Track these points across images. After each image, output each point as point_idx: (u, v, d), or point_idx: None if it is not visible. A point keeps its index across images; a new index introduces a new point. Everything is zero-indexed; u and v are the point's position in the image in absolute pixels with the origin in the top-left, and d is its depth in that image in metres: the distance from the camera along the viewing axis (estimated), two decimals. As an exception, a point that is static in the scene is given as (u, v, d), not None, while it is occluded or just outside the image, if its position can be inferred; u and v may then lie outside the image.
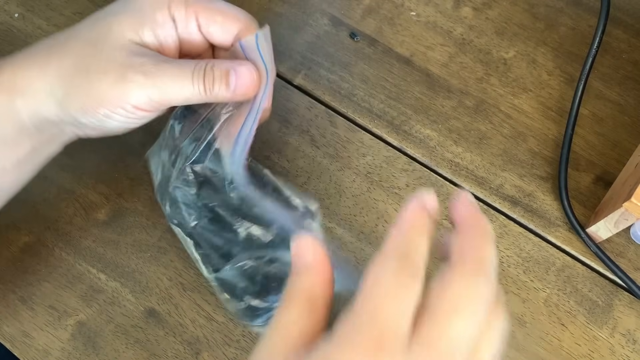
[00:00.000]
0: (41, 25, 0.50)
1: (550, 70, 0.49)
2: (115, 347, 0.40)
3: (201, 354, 0.40)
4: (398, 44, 0.49)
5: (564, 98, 0.48)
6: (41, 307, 0.41)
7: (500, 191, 0.45)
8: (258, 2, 0.51)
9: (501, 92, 0.48)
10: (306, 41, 0.50)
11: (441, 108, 0.47)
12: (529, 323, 0.41)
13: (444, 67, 0.49)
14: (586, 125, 0.47)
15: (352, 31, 0.50)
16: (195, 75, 0.34)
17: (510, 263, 0.43)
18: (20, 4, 0.51)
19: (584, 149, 0.46)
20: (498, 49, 0.49)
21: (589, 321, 0.41)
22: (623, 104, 0.47)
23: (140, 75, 0.33)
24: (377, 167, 0.45)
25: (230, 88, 0.34)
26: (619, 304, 0.42)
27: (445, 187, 0.45)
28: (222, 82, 0.34)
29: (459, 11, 0.51)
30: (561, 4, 0.51)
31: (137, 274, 0.42)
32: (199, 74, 0.34)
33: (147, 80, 0.33)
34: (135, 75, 0.33)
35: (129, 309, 0.41)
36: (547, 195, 0.45)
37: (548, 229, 0.44)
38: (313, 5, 0.51)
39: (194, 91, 0.34)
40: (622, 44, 0.49)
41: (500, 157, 0.46)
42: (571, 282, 0.42)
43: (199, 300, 0.41)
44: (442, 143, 0.46)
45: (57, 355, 0.40)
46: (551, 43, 0.49)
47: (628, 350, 0.40)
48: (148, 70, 0.33)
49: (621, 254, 0.43)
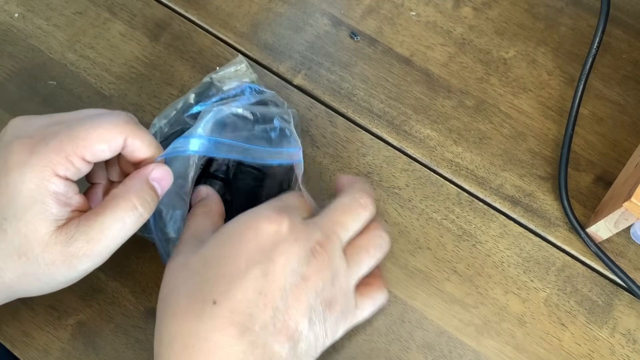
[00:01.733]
0: (41, 25, 0.50)
1: (550, 70, 0.49)
2: (115, 347, 0.40)
3: (201, 354, 0.40)
4: (398, 44, 0.49)
5: (564, 98, 0.48)
6: (41, 307, 0.41)
7: (500, 191, 0.45)
8: (258, 2, 0.51)
9: (501, 92, 0.48)
10: (306, 41, 0.50)
11: (441, 108, 0.47)
12: (529, 323, 0.41)
13: (444, 67, 0.49)
14: (586, 125, 0.47)
15: (352, 31, 0.50)
16: (128, 215, 0.34)
17: (510, 263, 0.43)
18: (20, 4, 0.51)
19: (584, 149, 0.46)
20: (498, 49, 0.49)
21: (589, 321, 0.41)
22: (623, 104, 0.47)
23: (85, 258, 0.33)
24: (377, 167, 0.45)
25: (159, 193, 0.36)
26: (619, 304, 0.42)
27: (445, 187, 0.45)
28: (153, 198, 0.35)
29: (459, 11, 0.51)
30: (561, 4, 0.51)
31: (137, 274, 0.42)
32: (129, 213, 0.34)
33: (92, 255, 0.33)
34: (80, 260, 0.33)
35: (129, 309, 0.41)
36: (547, 195, 0.45)
37: (548, 229, 0.44)
38: (313, 5, 0.51)
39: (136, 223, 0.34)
40: (622, 44, 0.49)
41: (500, 157, 0.46)
42: (571, 282, 0.42)
43: (199, 300, 0.41)
44: (442, 143, 0.46)
45: (57, 355, 0.40)
46: (551, 43, 0.49)
47: (628, 350, 0.40)
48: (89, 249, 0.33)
49: (621, 254, 0.43)
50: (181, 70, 0.48)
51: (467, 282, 0.42)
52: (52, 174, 0.32)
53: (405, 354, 0.40)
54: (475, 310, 0.41)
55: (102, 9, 0.50)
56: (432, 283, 0.42)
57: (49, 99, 0.47)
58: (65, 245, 0.32)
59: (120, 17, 0.50)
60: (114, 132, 0.34)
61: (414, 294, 0.42)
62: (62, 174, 0.33)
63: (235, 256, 0.33)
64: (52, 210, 0.32)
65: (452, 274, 0.42)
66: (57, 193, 0.33)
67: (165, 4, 0.51)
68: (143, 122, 0.38)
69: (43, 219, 0.32)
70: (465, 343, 0.41)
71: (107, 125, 0.34)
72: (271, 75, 0.48)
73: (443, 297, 0.42)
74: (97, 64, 0.48)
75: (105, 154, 0.34)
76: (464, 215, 0.44)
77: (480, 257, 0.43)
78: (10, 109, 0.47)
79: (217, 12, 0.51)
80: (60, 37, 0.49)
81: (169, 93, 0.47)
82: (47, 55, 0.49)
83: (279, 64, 0.49)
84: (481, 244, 0.43)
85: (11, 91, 0.47)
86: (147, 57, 0.49)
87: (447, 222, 0.44)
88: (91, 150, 0.33)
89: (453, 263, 0.43)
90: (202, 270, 0.33)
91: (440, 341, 0.41)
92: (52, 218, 0.32)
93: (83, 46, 0.49)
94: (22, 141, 0.33)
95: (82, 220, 0.33)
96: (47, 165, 0.32)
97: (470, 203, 0.44)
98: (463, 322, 0.41)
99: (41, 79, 0.48)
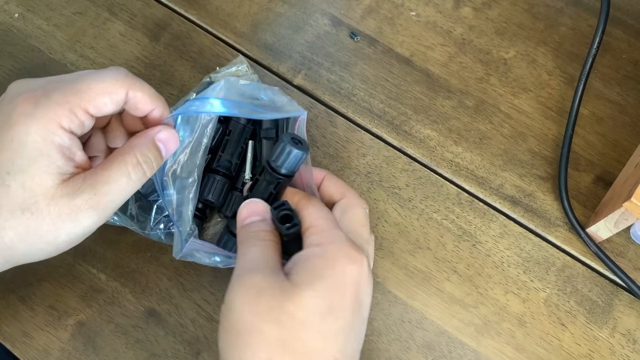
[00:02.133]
0: (41, 25, 0.50)
1: (550, 70, 0.49)
2: (115, 347, 0.40)
3: (201, 354, 0.40)
4: (398, 44, 0.49)
5: (564, 98, 0.48)
6: (41, 307, 0.41)
7: (501, 191, 0.45)
8: (258, 2, 0.51)
9: (501, 92, 0.48)
10: (306, 41, 0.50)
11: (441, 108, 0.47)
12: (529, 323, 0.41)
13: (444, 67, 0.49)
14: (586, 125, 0.47)
15: (352, 31, 0.50)
16: (134, 170, 0.34)
17: (511, 263, 0.43)
18: (20, 4, 0.51)
19: (584, 149, 0.46)
20: (498, 49, 0.49)
21: (589, 321, 0.41)
22: (623, 104, 0.47)
23: (91, 211, 0.33)
24: (377, 167, 0.45)
25: (163, 155, 0.36)
26: (619, 304, 0.42)
27: (445, 187, 0.45)
28: (157, 158, 0.35)
29: (459, 11, 0.51)
30: (561, 4, 0.51)
31: (137, 274, 0.42)
32: (134, 168, 0.34)
33: (98, 208, 0.33)
34: (86, 213, 0.33)
35: (129, 309, 0.41)
36: (547, 195, 0.45)
37: (548, 229, 0.44)
38: (313, 5, 0.51)
39: (141, 179, 0.34)
40: (622, 44, 0.49)
41: (501, 157, 0.46)
42: (571, 282, 0.42)
43: (199, 300, 0.41)
44: (442, 143, 0.46)
45: (57, 355, 0.40)
46: (551, 43, 0.49)
47: (628, 350, 0.40)
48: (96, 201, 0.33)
49: (621, 254, 0.43)
50: (181, 70, 0.48)
51: (467, 282, 0.42)
52: (57, 126, 0.32)
53: (405, 354, 0.40)
54: (475, 310, 0.41)
55: (102, 9, 0.50)
56: (432, 283, 0.42)
57: (49, 99, 0.47)
58: (71, 198, 0.32)
59: (120, 17, 0.50)
60: (115, 85, 0.34)
61: (414, 294, 0.42)
62: (66, 126, 0.32)
63: (343, 308, 0.31)
64: (58, 162, 0.32)
65: (452, 274, 0.42)
66: (62, 146, 0.32)
67: (165, 4, 0.51)
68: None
69: (49, 172, 0.32)
70: (465, 343, 0.41)
71: (108, 78, 0.34)
72: (271, 75, 0.48)
73: (443, 297, 0.42)
74: (97, 64, 0.48)
75: (108, 107, 0.34)
76: (464, 215, 0.44)
77: (480, 257, 0.43)
78: (10, 109, 0.47)
79: (217, 12, 0.51)
80: (60, 37, 0.49)
81: (169, 93, 0.47)
82: (47, 55, 0.49)
83: (279, 64, 0.49)
84: (481, 244, 0.43)
85: (11, 91, 0.47)
86: (147, 57, 0.49)
87: (447, 222, 0.44)
88: (94, 103, 0.33)
89: (453, 263, 0.43)
90: (315, 321, 0.31)
91: (440, 341, 0.41)
92: (58, 171, 0.32)
93: (83, 46, 0.49)
94: (26, 95, 0.33)
95: (88, 174, 0.33)
96: (52, 118, 0.32)
97: (470, 203, 0.44)
98: (463, 322, 0.41)
99: (41, 79, 0.48)
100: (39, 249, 0.33)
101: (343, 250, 0.32)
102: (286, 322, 0.30)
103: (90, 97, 0.33)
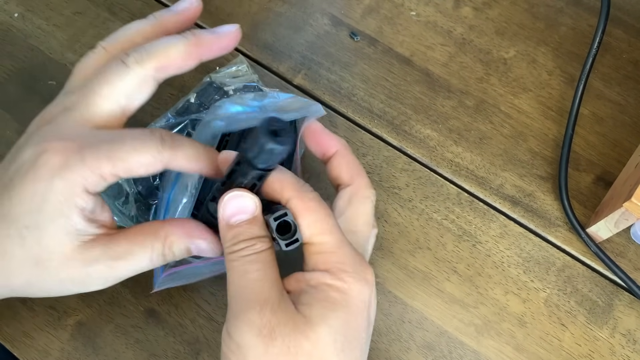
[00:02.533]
0: (41, 25, 0.50)
1: (550, 70, 0.49)
2: (115, 347, 0.40)
3: (201, 354, 0.40)
4: (398, 44, 0.49)
5: (564, 98, 0.48)
6: (41, 307, 0.41)
7: (501, 191, 0.45)
8: (258, 2, 0.51)
9: (501, 92, 0.48)
10: (306, 41, 0.50)
11: (441, 108, 0.47)
12: (529, 323, 0.41)
13: (444, 67, 0.49)
14: (586, 125, 0.47)
15: (352, 31, 0.50)
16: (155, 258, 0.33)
17: (511, 263, 0.43)
18: (20, 3, 0.51)
19: (584, 149, 0.46)
20: (498, 48, 0.49)
21: (589, 321, 0.41)
22: (623, 104, 0.47)
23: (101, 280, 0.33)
24: (377, 167, 0.45)
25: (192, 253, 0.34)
26: (619, 304, 0.42)
27: (445, 187, 0.45)
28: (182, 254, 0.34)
29: (459, 11, 0.51)
30: (561, 4, 0.51)
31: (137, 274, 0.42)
32: (159, 257, 0.33)
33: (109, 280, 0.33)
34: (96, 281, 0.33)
35: (129, 309, 0.41)
36: (547, 195, 0.45)
37: (548, 229, 0.44)
38: (313, 5, 0.51)
39: (161, 263, 0.34)
40: (622, 44, 0.49)
41: (501, 157, 0.46)
42: (571, 282, 0.42)
43: (199, 300, 0.41)
44: (442, 143, 0.46)
45: (57, 355, 0.40)
46: (551, 43, 0.49)
47: (628, 351, 0.40)
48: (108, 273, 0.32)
49: (621, 254, 0.43)
50: (181, 70, 0.48)
51: (467, 282, 0.42)
52: (82, 190, 0.31)
53: (405, 354, 0.40)
54: (475, 311, 0.41)
55: (102, 9, 0.50)
56: (432, 283, 0.42)
57: (49, 99, 0.47)
58: (85, 265, 0.32)
59: (120, 17, 0.50)
60: (156, 159, 0.32)
61: (414, 294, 0.42)
62: (92, 190, 0.31)
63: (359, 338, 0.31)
64: (78, 226, 0.31)
65: (452, 274, 0.42)
66: (84, 209, 0.31)
67: (165, 4, 0.51)
68: (142, 122, 0.38)
69: (67, 233, 0.31)
70: (465, 343, 0.41)
71: (149, 150, 0.32)
72: (271, 75, 0.48)
73: (443, 297, 0.42)
74: (97, 64, 0.48)
75: (141, 173, 0.33)
76: (464, 215, 0.44)
77: (480, 257, 0.43)
78: (10, 109, 0.46)
79: (217, 12, 0.51)
80: (60, 37, 0.49)
81: (169, 93, 0.47)
82: (46, 55, 0.49)
83: (278, 63, 0.49)
84: (481, 244, 0.43)
85: (11, 91, 0.47)
86: (147, 57, 0.49)
87: (447, 222, 0.44)
88: (128, 172, 0.32)
89: (453, 263, 0.43)
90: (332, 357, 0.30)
91: (440, 341, 0.41)
92: (77, 234, 0.31)
93: (83, 46, 0.49)
94: (56, 146, 0.31)
95: (109, 243, 0.32)
96: (79, 182, 0.31)
97: (470, 203, 0.44)
98: (463, 322, 0.41)
99: (41, 79, 0.48)
100: (40, 294, 0.34)
101: (355, 277, 0.30)
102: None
103: (125, 168, 0.31)
